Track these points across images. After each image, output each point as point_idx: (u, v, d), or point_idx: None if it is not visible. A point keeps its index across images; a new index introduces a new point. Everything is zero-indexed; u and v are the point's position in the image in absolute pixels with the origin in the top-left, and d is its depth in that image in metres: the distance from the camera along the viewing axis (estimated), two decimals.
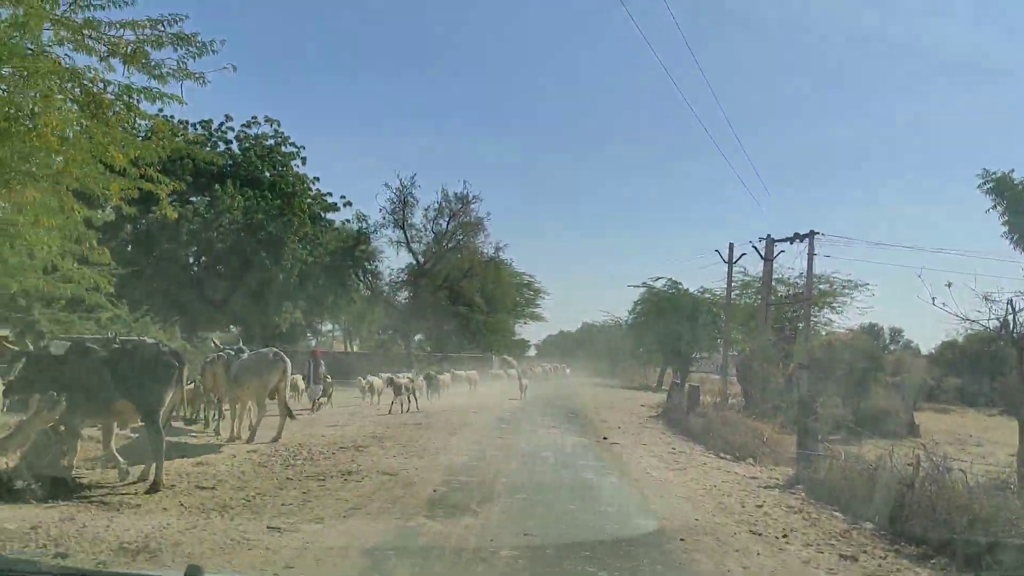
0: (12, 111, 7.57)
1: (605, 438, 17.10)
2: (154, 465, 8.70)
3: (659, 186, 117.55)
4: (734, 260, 35.79)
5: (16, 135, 7.56)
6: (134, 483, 8.72)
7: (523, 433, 17.27)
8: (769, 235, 30.66)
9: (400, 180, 47.29)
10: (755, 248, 31.44)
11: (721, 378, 37.74)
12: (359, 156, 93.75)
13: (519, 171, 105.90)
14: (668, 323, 53.16)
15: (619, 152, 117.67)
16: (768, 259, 30.99)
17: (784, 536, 7.76)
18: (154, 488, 8.32)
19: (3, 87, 7.88)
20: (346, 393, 25.52)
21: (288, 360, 14.31)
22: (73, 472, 8.38)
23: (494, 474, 10.81)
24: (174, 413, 17.24)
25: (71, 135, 8.36)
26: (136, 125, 9.64)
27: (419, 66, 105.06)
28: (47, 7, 8.14)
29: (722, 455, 15.52)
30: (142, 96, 8.99)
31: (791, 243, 30.38)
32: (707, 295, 53.01)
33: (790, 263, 39.16)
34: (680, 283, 53.74)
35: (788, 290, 39.03)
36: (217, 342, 16.32)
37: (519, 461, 12.46)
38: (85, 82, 8.75)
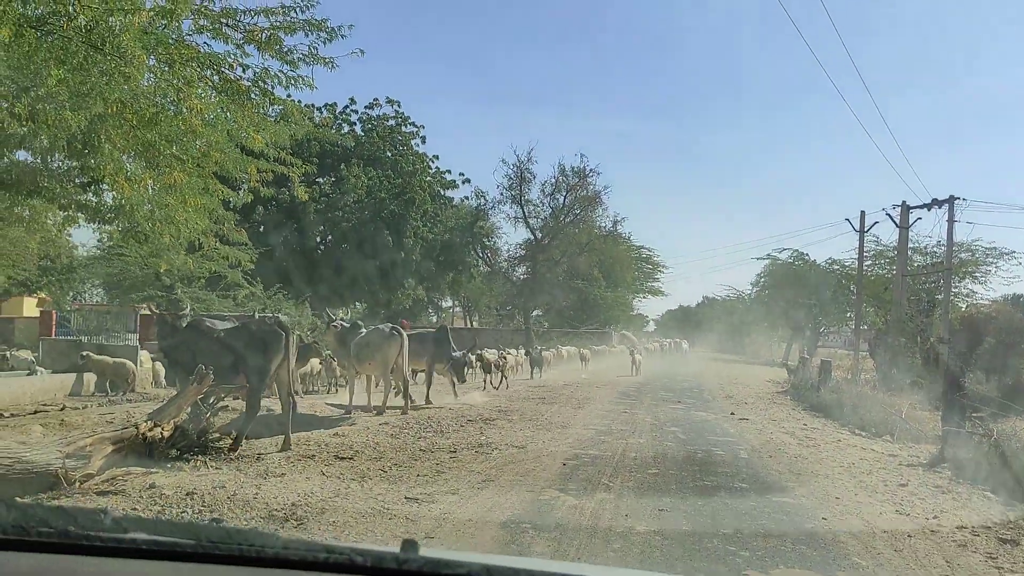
0: (159, 98, 7.94)
1: (732, 413, 16.74)
2: (285, 436, 9.15)
3: (784, 154, 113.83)
4: (866, 229, 34.25)
5: (164, 120, 7.94)
6: (278, 452, 9.09)
7: (648, 408, 17.10)
8: (904, 202, 29.17)
9: (517, 156, 47.50)
10: (889, 216, 29.98)
11: (852, 353, 36.36)
12: (477, 133, 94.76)
13: (639, 143, 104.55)
14: (794, 296, 51.40)
15: (742, 120, 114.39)
16: (903, 227, 29.45)
17: (935, 517, 7.37)
18: (234, 446, 8.66)
19: (151, 75, 8.24)
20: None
21: (405, 335, 14.57)
22: (220, 441, 8.80)
23: (623, 448, 10.72)
24: (307, 386, 18.10)
25: (211, 119, 8.71)
26: (269, 109, 9.95)
27: (537, 41, 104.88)
28: None
29: (857, 432, 14.92)
30: (276, 81, 9.23)
31: (928, 210, 28.85)
32: (836, 267, 50.89)
33: (928, 231, 37.18)
34: (806, 254, 51.87)
35: (925, 260, 37.16)
36: (331, 314, 16.90)
37: (647, 435, 12.32)
38: (223, 68, 9.07)
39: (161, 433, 7.71)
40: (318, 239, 43.15)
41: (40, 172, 8.98)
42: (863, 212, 32.63)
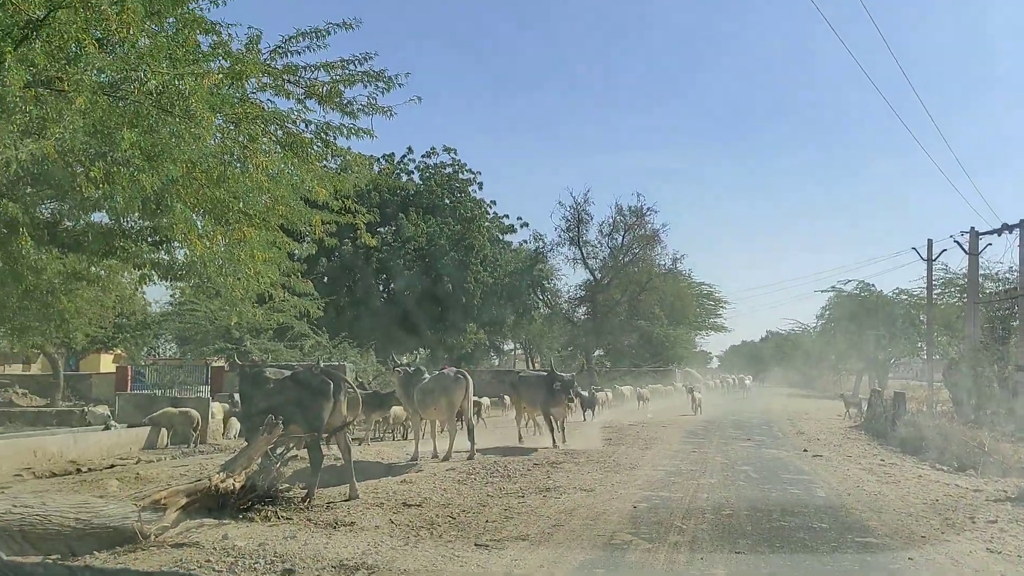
0: (226, 156, 8.20)
1: (806, 450, 16.29)
2: (349, 483, 9.19)
3: (846, 183, 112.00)
4: (934, 257, 33.36)
5: (231, 177, 8.19)
6: (345, 501, 9.13)
7: (717, 446, 16.75)
8: (973, 228, 28.37)
9: (573, 197, 47.68)
10: (957, 243, 29.20)
11: (926, 384, 35.23)
12: (533, 176, 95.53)
13: (695, 180, 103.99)
14: (861, 328, 50.16)
15: (801, 151, 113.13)
16: (973, 253, 28.56)
17: None
18: (306, 499, 8.69)
19: (217, 134, 8.52)
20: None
21: (470, 379, 14.57)
22: (289, 491, 8.86)
23: (694, 489, 10.50)
24: (378, 433, 18.19)
25: (276, 173, 8.94)
26: (330, 160, 10.19)
27: (591, 84, 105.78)
28: (254, 58, 8.75)
29: (938, 466, 14.39)
30: (337, 132, 9.45)
31: (999, 235, 27.97)
32: (903, 296, 49.62)
33: (999, 256, 36.08)
34: (872, 285, 50.68)
35: (997, 286, 35.98)
36: (396, 359, 17.06)
37: (719, 475, 12.05)
38: (287, 124, 9.33)
39: (233, 485, 7.80)
40: (380, 287, 43.73)
41: (115, 233, 9.34)
42: (930, 240, 31.92)
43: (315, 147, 9.64)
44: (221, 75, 7.28)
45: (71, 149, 7.47)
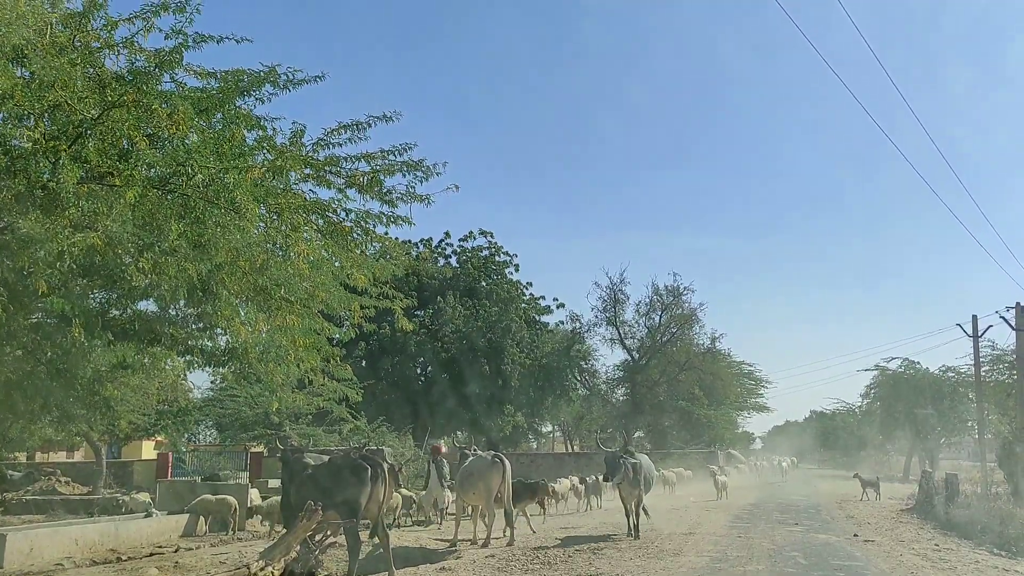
0: (269, 245, 8.42)
1: (856, 535, 15.74)
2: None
3: (886, 262, 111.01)
4: (980, 334, 32.75)
5: (274, 265, 8.39)
6: None
7: (763, 531, 16.28)
8: (1019, 303, 27.84)
9: (609, 278, 47.80)
10: (1003, 319, 28.62)
11: (979, 464, 34.15)
12: (568, 259, 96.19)
13: (731, 260, 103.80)
14: (907, 406, 48.99)
15: (836, 229, 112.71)
16: (1020, 329, 28.00)
17: None
18: None
19: (261, 224, 8.77)
20: None
21: (507, 462, 14.43)
22: None
23: None
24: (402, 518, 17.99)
25: (316, 261, 9.14)
26: (370, 248, 10.38)
27: (624, 164, 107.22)
28: (297, 151, 9.06)
29: (996, 552, 13.86)
30: (377, 220, 9.67)
31: None
32: (950, 373, 48.53)
33: None
34: (917, 362, 49.60)
35: None
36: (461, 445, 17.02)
37: (766, 562, 11.68)
38: (328, 213, 9.58)
39: (272, 572, 7.76)
40: (418, 370, 43.85)
41: (162, 320, 9.55)
42: (975, 316, 31.35)
43: (355, 235, 9.84)
44: (264, 168, 7.55)
45: (120, 240, 7.75)
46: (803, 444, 74.84)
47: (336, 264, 9.47)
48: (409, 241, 46.62)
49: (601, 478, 19.06)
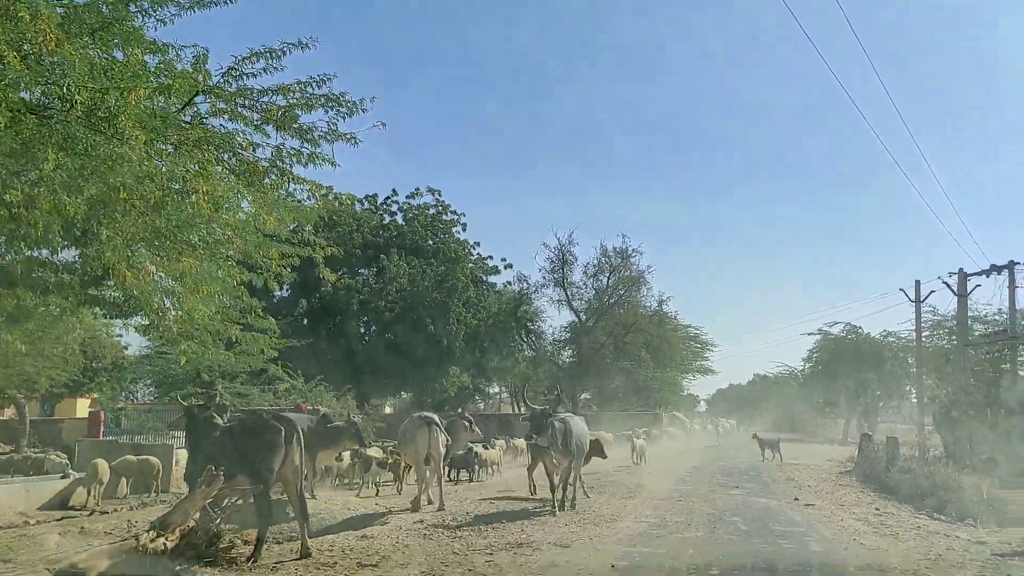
0: (165, 182, 7.50)
1: (796, 499, 15.50)
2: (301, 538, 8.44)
3: (831, 226, 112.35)
4: (922, 299, 32.93)
5: (172, 205, 7.50)
6: (296, 560, 8.30)
7: (704, 496, 15.95)
8: (961, 269, 27.91)
9: (558, 239, 47.08)
10: (946, 284, 28.74)
11: (916, 428, 34.63)
12: (517, 221, 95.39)
13: (679, 227, 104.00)
14: (848, 371, 49.66)
15: (785, 195, 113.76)
16: (961, 295, 28.11)
17: None
18: (252, 557, 7.94)
19: (160, 160, 7.85)
20: None
21: (437, 423, 13.77)
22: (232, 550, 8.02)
23: (678, 544, 9.71)
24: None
25: (228, 204, 8.25)
26: (291, 190, 9.49)
27: (575, 129, 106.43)
28: (200, 78, 8.13)
29: (936, 516, 13.72)
30: (294, 159, 8.83)
31: (987, 276, 27.59)
32: (891, 339, 49.23)
33: (987, 299, 35.79)
34: (859, 327, 50.23)
35: (987, 328, 35.62)
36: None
37: (705, 528, 11.26)
38: (239, 150, 8.70)
39: (165, 544, 6.99)
40: (362, 330, 42.92)
41: (46, 266, 8.60)
42: (918, 282, 31.47)
43: (271, 176, 8.97)
44: (151, 90, 6.63)
45: None
46: (746, 407, 75.91)
47: (246, 206, 8.58)
48: (353, 197, 45.58)
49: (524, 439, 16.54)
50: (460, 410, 23.51)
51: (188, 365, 13.22)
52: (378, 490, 15.89)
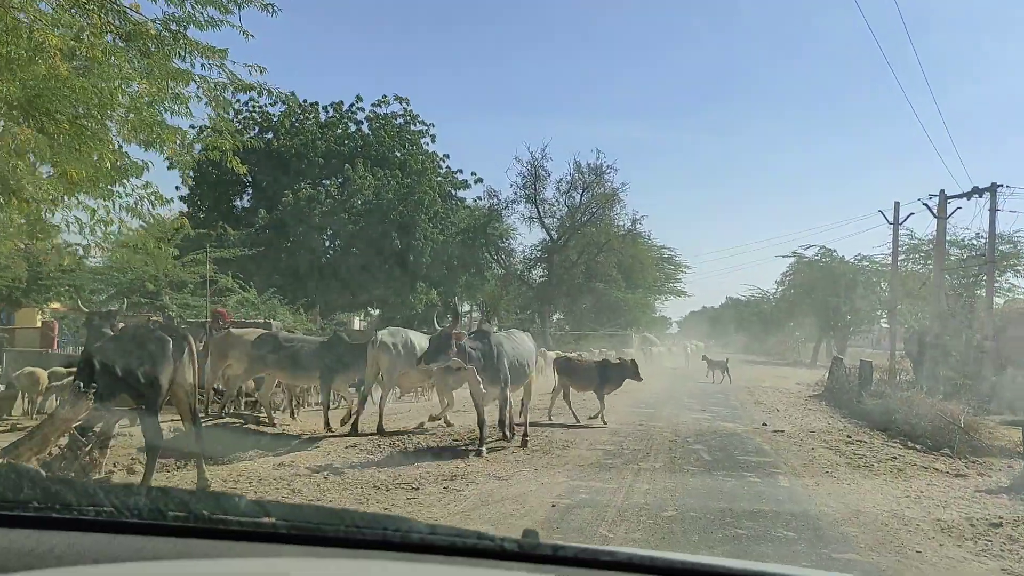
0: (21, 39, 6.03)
1: (764, 424, 14.66)
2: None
3: (809, 142, 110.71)
4: (901, 221, 31.94)
5: (20, 66, 6.04)
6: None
7: (667, 419, 15.07)
8: (943, 190, 26.86)
9: (531, 153, 45.35)
10: (926, 206, 27.66)
11: (886, 353, 34.27)
12: (489, 137, 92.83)
13: (654, 145, 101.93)
14: (821, 295, 49.22)
15: (759, 110, 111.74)
16: (942, 217, 27.13)
17: None
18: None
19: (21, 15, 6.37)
20: None
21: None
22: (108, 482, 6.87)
23: (632, 478, 8.69)
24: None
25: (88, 65, 6.80)
26: (181, 59, 7.96)
27: (547, 45, 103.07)
28: None
29: (911, 444, 12.88)
30: (189, 23, 7.36)
31: (968, 199, 26.61)
32: (865, 263, 48.65)
33: (966, 223, 34.96)
34: (834, 251, 49.59)
35: (964, 253, 35.00)
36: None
37: (664, 457, 10.29)
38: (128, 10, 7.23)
39: None
40: (326, 243, 41.41)
41: None
42: (897, 203, 30.34)
43: (166, 44, 7.50)
44: None
45: None
46: (719, 330, 75.72)
47: (128, 76, 7.12)
48: (316, 104, 43.29)
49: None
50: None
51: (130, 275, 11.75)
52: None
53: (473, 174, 45.56)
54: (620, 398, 19.48)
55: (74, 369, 14.87)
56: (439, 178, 43.77)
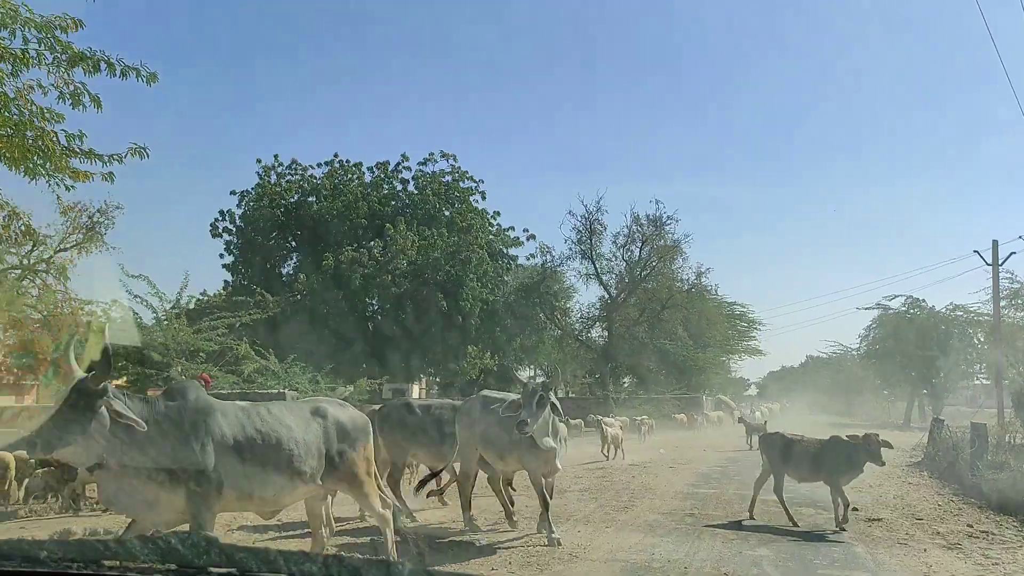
0: None
1: (856, 509, 11.04)
2: None
3: (888, 184, 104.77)
4: (1000, 261, 28.28)
5: None
6: None
7: (728, 501, 12.00)
8: None
9: (585, 206, 42.64)
10: None
11: (984, 411, 30.41)
12: (543, 195, 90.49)
13: (714, 199, 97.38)
14: (911, 349, 44.78)
15: (832, 156, 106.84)
16: None
17: None
18: None
19: None
20: None
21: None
22: None
23: None
24: None
25: None
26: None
27: (600, 101, 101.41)
28: None
29: None
30: None
31: None
32: (958, 312, 44.28)
33: None
34: (922, 300, 45.30)
35: None
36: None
37: (719, 556, 7.28)
38: None
39: None
40: (368, 309, 39.45)
41: None
42: (995, 242, 26.81)
43: None
44: None
45: None
46: (797, 391, 70.90)
47: None
48: (359, 164, 41.68)
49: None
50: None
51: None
52: None
53: (525, 230, 43.36)
54: (679, 471, 16.46)
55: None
56: (490, 236, 41.66)
